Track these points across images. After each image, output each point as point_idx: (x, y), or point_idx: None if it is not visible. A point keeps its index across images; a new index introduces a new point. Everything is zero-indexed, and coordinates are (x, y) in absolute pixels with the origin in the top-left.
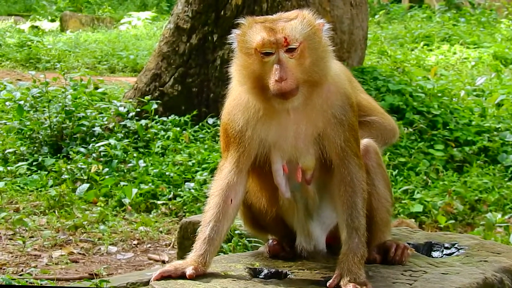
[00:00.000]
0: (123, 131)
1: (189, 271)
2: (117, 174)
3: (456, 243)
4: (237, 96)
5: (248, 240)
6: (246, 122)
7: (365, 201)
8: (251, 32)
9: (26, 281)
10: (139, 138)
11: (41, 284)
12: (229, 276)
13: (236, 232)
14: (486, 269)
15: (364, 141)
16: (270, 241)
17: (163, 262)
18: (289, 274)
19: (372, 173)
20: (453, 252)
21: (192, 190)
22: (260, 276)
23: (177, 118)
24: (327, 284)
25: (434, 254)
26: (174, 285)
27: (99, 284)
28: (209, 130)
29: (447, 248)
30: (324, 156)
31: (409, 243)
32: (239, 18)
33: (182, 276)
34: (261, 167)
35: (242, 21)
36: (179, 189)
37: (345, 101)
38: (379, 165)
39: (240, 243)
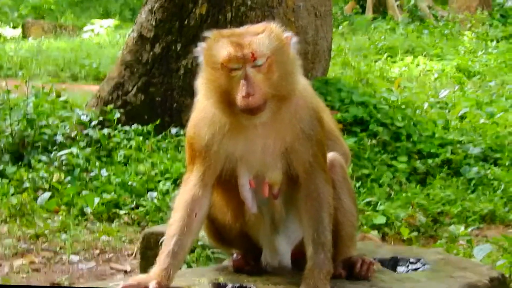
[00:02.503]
0: (85, 140)
1: (152, 285)
2: (79, 183)
3: (421, 258)
4: (203, 110)
5: (211, 252)
6: (212, 136)
7: (332, 216)
8: (218, 47)
9: None
10: (101, 147)
11: None
12: None
13: (200, 243)
14: (452, 285)
15: (330, 155)
16: (235, 255)
17: (125, 272)
18: None
19: (338, 187)
20: (419, 267)
21: (155, 200)
22: None
23: (140, 127)
24: None
25: (400, 269)
26: None
27: None
28: (172, 140)
29: (412, 263)
30: (291, 170)
31: (374, 258)
32: (203, 27)
33: None
34: (227, 181)
35: (208, 34)
36: (141, 199)
37: (313, 116)
38: (345, 179)
39: (202, 255)
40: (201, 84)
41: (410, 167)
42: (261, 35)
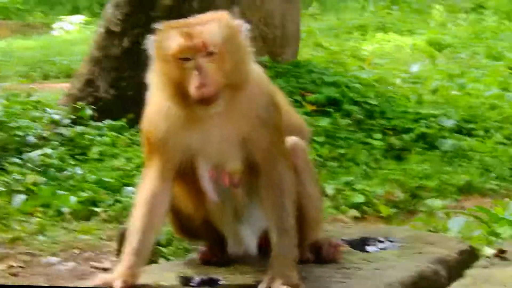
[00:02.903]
0: (58, 139)
1: (118, 284)
2: (54, 183)
3: (390, 237)
4: (157, 104)
5: (188, 244)
6: (168, 129)
7: (295, 202)
8: (168, 38)
9: None
10: (75, 145)
11: None
12: (160, 286)
13: (177, 236)
14: (421, 261)
15: (291, 140)
16: (201, 247)
17: (106, 269)
18: (221, 280)
19: (301, 171)
20: (388, 246)
21: (132, 195)
22: (191, 284)
23: (113, 122)
24: None
25: (369, 249)
26: None
27: None
28: None
29: (381, 242)
30: (250, 159)
31: (343, 239)
32: (171, 18)
33: None
34: (186, 173)
35: (157, 26)
36: (118, 195)
37: (269, 102)
38: (307, 163)
39: (180, 247)
40: (153, 78)
41: (385, 143)
42: (211, 24)
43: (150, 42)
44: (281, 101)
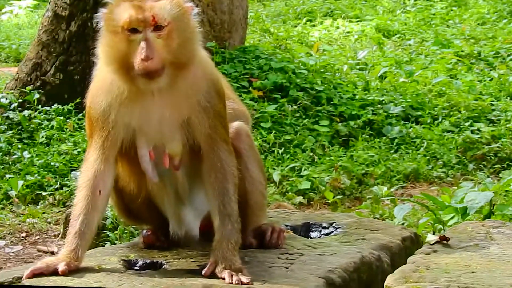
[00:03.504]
0: (6, 123)
1: (61, 267)
2: (1, 166)
3: (333, 222)
4: (101, 78)
5: (134, 228)
6: (109, 104)
7: (236, 186)
8: (119, 10)
9: None
10: (22, 129)
11: None
12: (103, 269)
13: (122, 220)
14: (364, 247)
15: (235, 124)
16: (145, 231)
17: (52, 253)
18: (164, 264)
19: (245, 156)
20: (331, 232)
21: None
22: (135, 268)
23: (60, 107)
24: (202, 273)
25: (312, 234)
26: (46, 282)
27: None
28: None
29: (325, 228)
30: (191, 142)
31: (286, 225)
32: None
33: (55, 272)
34: (128, 153)
35: (109, 0)
36: (65, 179)
37: (211, 87)
38: (251, 148)
39: (126, 231)
40: (101, 52)
41: (332, 130)
42: (163, 1)
43: (101, 15)
44: (224, 87)
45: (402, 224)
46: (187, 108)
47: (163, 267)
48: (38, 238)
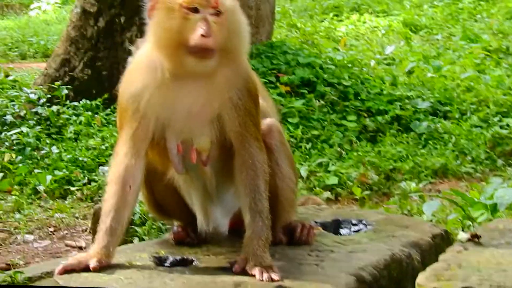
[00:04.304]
0: (35, 118)
1: (92, 263)
2: (30, 161)
3: (363, 219)
4: (138, 62)
5: (162, 223)
6: (142, 90)
7: (267, 183)
8: None
9: None
10: (51, 125)
11: None
12: (134, 266)
13: (150, 215)
14: (394, 244)
15: (267, 121)
16: (175, 227)
17: (80, 248)
18: (194, 261)
19: (276, 152)
20: (361, 229)
21: (107, 174)
22: (165, 265)
23: (88, 102)
24: (233, 269)
25: (342, 231)
26: (78, 278)
27: (13, 276)
28: None
29: (354, 224)
30: (220, 138)
31: (316, 222)
32: (144, 0)
33: (86, 269)
34: (158, 145)
35: None
36: (93, 174)
37: (245, 85)
38: (283, 144)
39: (154, 226)
40: (151, 32)
41: (360, 125)
42: None
43: None
44: (258, 86)
45: (431, 220)
46: (219, 104)
47: (193, 263)
48: (66, 233)
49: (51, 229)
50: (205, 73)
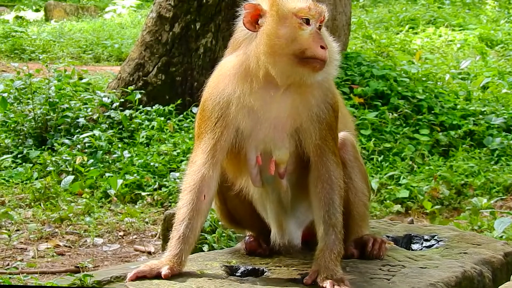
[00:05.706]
0: (107, 122)
1: (164, 271)
2: (102, 165)
3: (435, 235)
4: (227, 68)
5: (232, 231)
6: (230, 96)
7: (342, 198)
8: None
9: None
10: (123, 129)
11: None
12: (205, 275)
13: (220, 223)
14: (466, 261)
15: (341, 134)
16: (247, 237)
17: (149, 253)
18: (265, 271)
19: (349, 166)
20: (433, 244)
21: (177, 180)
22: (236, 274)
23: (161, 107)
24: (304, 281)
25: (414, 246)
26: (149, 285)
27: (82, 279)
28: (193, 119)
29: (426, 240)
30: (299, 151)
31: (388, 236)
32: (221, 6)
33: (158, 276)
34: (236, 157)
35: None
36: (164, 179)
37: (327, 98)
38: (356, 159)
39: (224, 234)
40: (259, 36)
41: (432, 139)
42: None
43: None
44: (339, 100)
45: (501, 237)
46: (301, 117)
47: (264, 274)
48: (136, 238)
49: (121, 233)
50: (308, 84)
